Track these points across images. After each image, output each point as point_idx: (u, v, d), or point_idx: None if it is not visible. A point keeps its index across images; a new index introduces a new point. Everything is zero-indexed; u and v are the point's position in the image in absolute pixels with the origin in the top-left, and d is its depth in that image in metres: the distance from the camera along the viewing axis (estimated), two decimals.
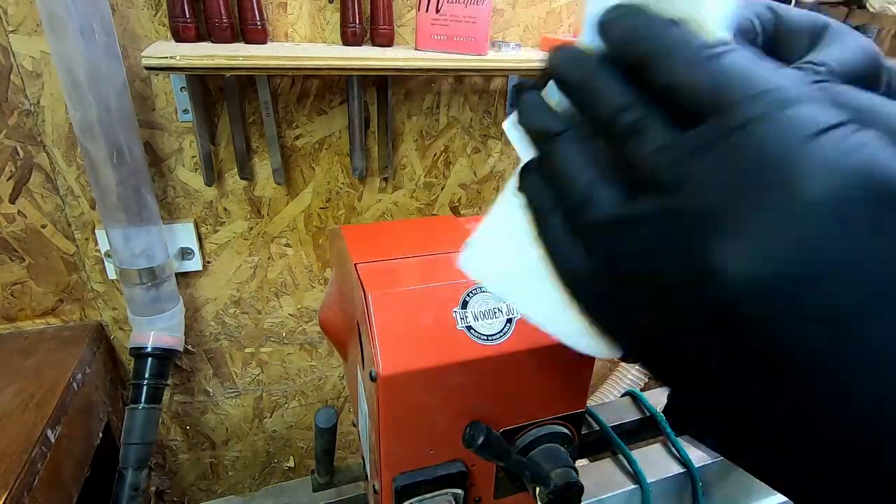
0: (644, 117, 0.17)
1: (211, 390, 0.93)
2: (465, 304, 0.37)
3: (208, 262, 0.82)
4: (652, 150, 0.16)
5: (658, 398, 0.68)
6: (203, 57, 0.57)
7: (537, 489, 0.39)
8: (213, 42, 0.65)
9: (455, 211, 0.93)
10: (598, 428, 0.64)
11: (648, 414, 0.66)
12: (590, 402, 1.02)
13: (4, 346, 0.74)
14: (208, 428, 0.96)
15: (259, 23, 0.65)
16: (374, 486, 0.42)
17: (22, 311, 0.77)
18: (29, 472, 0.55)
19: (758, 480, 0.20)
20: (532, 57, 0.72)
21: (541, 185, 0.20)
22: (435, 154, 0.86)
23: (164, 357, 0.75)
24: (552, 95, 0.20)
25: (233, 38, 0.66)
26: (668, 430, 0.63)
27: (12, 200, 0.69)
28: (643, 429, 0.68)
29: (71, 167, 0.69)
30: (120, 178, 0.63)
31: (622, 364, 1.21)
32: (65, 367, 0.69)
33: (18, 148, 0.67)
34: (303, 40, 0.72)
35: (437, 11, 0.66)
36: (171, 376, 0.88)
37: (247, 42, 0.66)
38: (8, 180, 0.68)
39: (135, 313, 0.73)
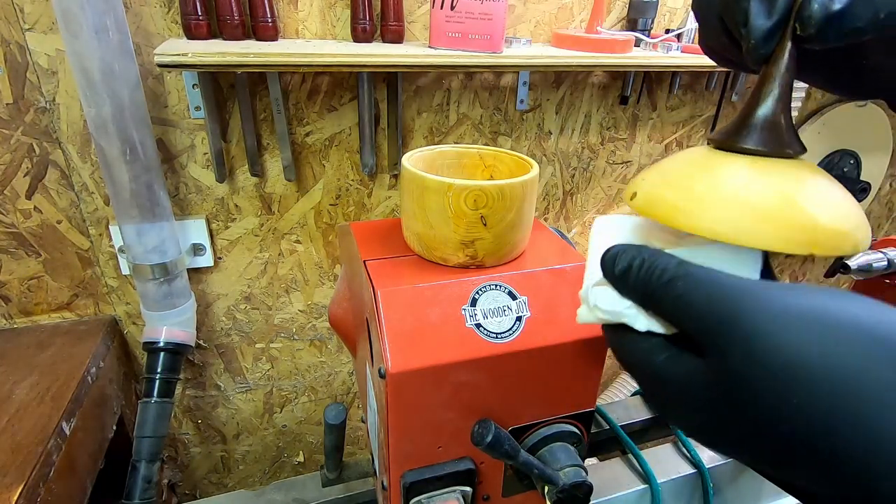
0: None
1: (222, 385, 0.94)
2: (474, 302, 0.37)
3: (219, 258, 0.83)
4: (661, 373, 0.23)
5: None
6: (215, 54, 0.57)
7: (546, 488, 0.39)
8: (224, 39, 0.65)
9: None
10: (608, 427, 0.63)
11: (658, 413, 0.66)
12: (599, 401, 1.01)
13: (21, 339, 0.75)
14: (219, 422, 0.97)
15: (270, 19, 0.65)
16: (382, 482, 0.42)
17: (38, 305, 0.78)
18: (45, 463, 0.56)
19: (768, 482, 0.20)
20: (543, 53, 0.71)
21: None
22: None
23: (177, 352, 0.76)
24: None
25: (244, 35, 0.66)
26: (679, 430, 0.62)
27: (28, 196, 0.70)
28: (653, 428, 0.67)
29: (85, 164, 0.70)
30: (133, 174, 0.64)
31: None
32: (79, 361, 0.70)
33: (34, 145, 0.68)
34: (313, 37, 0.72)
35: (452, 8, 0.65)
36: (183, 371, 0.89)
37: (258, 39, 0.67)
38: (24, 176, 0.69)
39: (147, 308, 0.74)
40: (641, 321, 0.24)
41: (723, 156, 0.23)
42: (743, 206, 0.21)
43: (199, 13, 0.62)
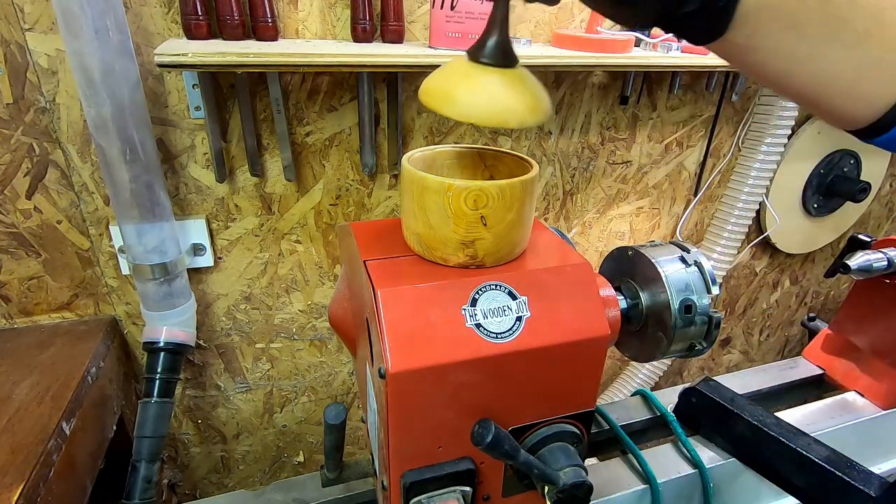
0: None
1: (222, 385, 0.94)
2: (474, 302, 0.37)
3: (220, 258, 0.83)
4: None
5: (668, 398, 0.68)
6: (215, 54, 0.57)
7: (546, 488, 0.39)
8: (224, 39, 0.65)
9: None
10: (608, 427, 0.63)
11: (658, 413, 0.66)
12: (599, 401, 1.01)
13: (21, 339, 0.75)
14: (219, 422, 0.97)
15: (270, 20, 0.65)
16: (382, 482, 0.42)
17: (38, 305, 0.78)
18: (45, 463, 0.56)
19: (768, 482, 0.20)
20: (543, 53, 0.71)
21: None
22: None
23: (177, 352, 0.76)
24: None
25: (244, 36, 0.66)
26: (678, 429, 0.62)
27: (28, 196, 0.70)
28: (653, 428, 0.67)
29: (86, 164, 0.70)
30: (133, 174, 0.64)
31: (632, 363, 1.20)
32: (79, 361, 0.70)
33: (34, 145, 0.68)
34: (313, 37, 0.72)
35: (452, 8, 0.66)
36: (183, 371, 0.89)
37: (258, 39, 0.67)
38: (24, 176, 0.69)
39: (148, 308, 0.74)
40: None
41: (466, 65, 0.35)
42: (450, 95, 0.34)
43: (199, 13, 0.62)
